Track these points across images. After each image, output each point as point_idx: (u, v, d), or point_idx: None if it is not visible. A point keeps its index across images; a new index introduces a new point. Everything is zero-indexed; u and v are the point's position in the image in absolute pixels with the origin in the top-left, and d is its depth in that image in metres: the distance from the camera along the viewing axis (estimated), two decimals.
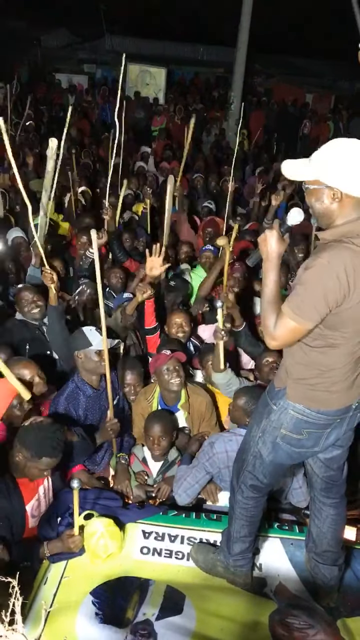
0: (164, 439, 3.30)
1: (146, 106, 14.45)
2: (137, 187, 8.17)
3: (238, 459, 2.60)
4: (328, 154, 2.09)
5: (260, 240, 2.24)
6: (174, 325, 3.99)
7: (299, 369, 2.29)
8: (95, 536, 2.71)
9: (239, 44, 13.15)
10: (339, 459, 2.52)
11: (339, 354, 2.20)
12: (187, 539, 2.95)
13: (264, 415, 2.42)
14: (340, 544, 2.74)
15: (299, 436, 2.34)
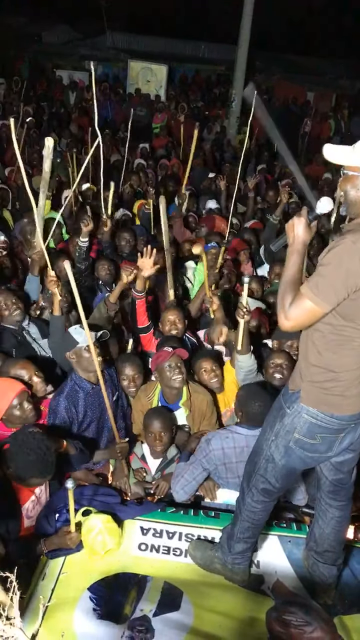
0: (164, 434, 3.31)
1: (147, 103, 14.43)
2: (138, 184, 8.15)
3: (250, 462, 2.59)
4: None
5: (288, 226, 2.27)
6: (167, 322, 3.98)
7: (313, 371, 2.28)
8: (94, 532, 2.72)
9: (240, 41, 13.14)
10: (350, 463, 2.51)
11: (352, 355, 2.19)
12: (185, 535, 2.95)
13: (278, 419, 2.40)
14: (342, 545, 2.74)
15: (313, 441, 2.33)
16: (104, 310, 4.01)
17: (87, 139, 11.08)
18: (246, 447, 3.08)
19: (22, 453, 2.63)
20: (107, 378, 3.49)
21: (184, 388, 3.51)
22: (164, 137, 12.10)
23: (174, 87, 17.23)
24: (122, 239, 5.56)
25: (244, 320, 3.40)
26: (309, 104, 16.98)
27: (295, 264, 2.22)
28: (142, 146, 10.49)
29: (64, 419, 3.24)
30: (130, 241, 5.57)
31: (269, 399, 3.11)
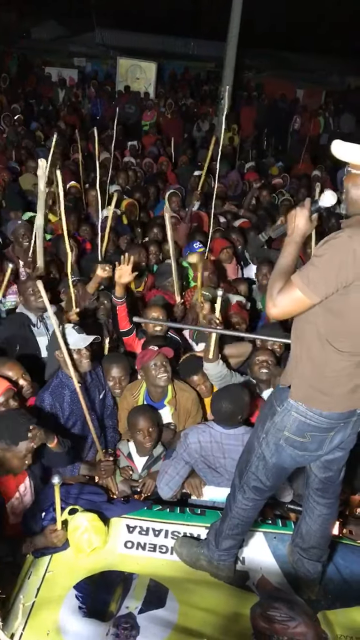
0: (153, 429, 3.33)
1: (137, 100, 14.40)
2: (126, 182, 8.14)
3: (242, 460, 2.60)
4: None
5: (290, 216, 2.29)
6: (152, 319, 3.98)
7: (302, 366, 2.30)
8: (80, 530, 2.72)
9: (229, 38, 13.12)
10: (339, 461, 2.52)
11: (339, 352, 2.20)
12: (172, 533, 2.97)
13: (268, 417, 2.42)
14: (328, 543, 2.76)
15: (302, 439, 2.34)
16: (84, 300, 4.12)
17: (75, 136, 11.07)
18: (222, 443, 3.11)
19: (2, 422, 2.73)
20: (94, 377, 3.50)
21: (169, 386, 3.53)
22: (154, 134, 12.08)
23: (163, 85, 17.20)
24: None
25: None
26: (298, 101, 17.02)
27: (291, 254, 2.24)
28: (131, 144, 10.46)
29: (48, 415, 3.25)
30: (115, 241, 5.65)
31: (239, 400, 3.14)
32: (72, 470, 3.27)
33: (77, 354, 3.26)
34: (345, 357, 2.20)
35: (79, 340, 3.28)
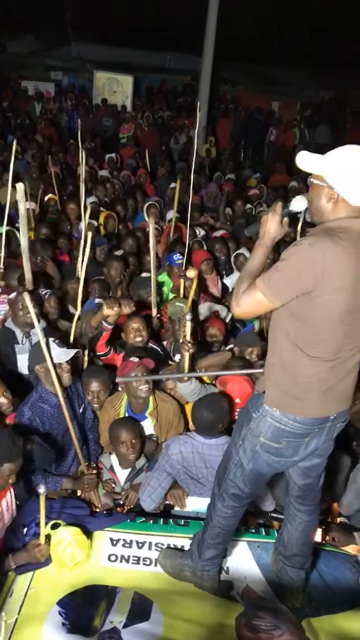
0: (136, 441, 3.32)
1: (114, 113, 14.48)
2: (104, 194, 8.16)
3: (221, 467, 2.61)
4: (339, 156, 2.14)
5: (262, 219, 2.32)
6: (132, 330, 3.99)
7: (275, 371, 2.32)
8: (62, 545, 2.70)
9: (204, 52, 13.31)
10: (317, 468, 2.54)
11: (309, 357, 2.22)
12: (155, 545, 2.95)
13: (245, 423, 2.43)
14: (310, 550, 2.78)
15: (278, 445, 2.35)
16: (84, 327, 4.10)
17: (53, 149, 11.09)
18: (204, 454, 3.12)
19: None
20: (74, 390, 3.49)
21: (151, 397, 3.53)
22: (132, 147, 12.15)
23: (140, 98, 17.33)
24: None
25: (188, 353, 3.45)
26: (273, 113, 17.27)
27: (259, 257, 2.30)
28: (109, 156, 10.51)
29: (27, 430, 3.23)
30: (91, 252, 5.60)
31: (220, 409, 3.17)
32: (55, 484, 3.24)
33: (58, 368, 3.25)
34: (317, 363, 2.23)
35: (61, 354, 3.27)
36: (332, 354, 2.22)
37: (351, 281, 2.08)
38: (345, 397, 2.36)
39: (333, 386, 2.28)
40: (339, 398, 2.33)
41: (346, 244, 2.06)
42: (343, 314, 2.13)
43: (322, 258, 2.04)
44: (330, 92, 20.36)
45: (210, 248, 6.13)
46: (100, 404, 3.66)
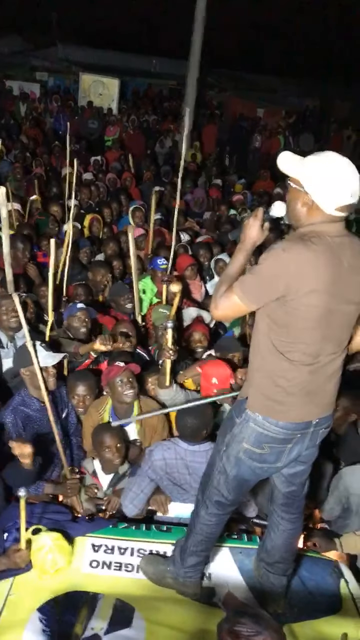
0: (120, 445, 3.30)
1: (100, 116, 14.46)
2: (89, 197, 8.14)
3: (205, 474, 2.61)
4: (316, 162, 2.15)
5: (244, 224, 2.36)
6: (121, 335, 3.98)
7: (257, 376, 2.34)
8: (43, 550, 2.67)
9: (191, 57, 13.36)
10: (301, 475, 2.54)
11: (289, 361, 2.24)
12: (137, 551, 2.94)
13: (228, 429, 2.44)
14: (293, 557, 2.78)
15: (261, 451, 2.35)
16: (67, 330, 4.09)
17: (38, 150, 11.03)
18: (187, 460, 3.12)
19: None
20: (57, 395, 3.46)
21: (135, 403, 3.52)
22: (117, 150, 12.13)
23: (125, 101, 17.33)
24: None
25: (169, 360, 3.48)
26: (259, 120, 17.40)
27: (239, 261, 2.33)
28: (95, 159, 10.48)
29: (10, 434, 3.20)
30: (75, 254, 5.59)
31: (204, 415, 3.17)
32: (37, 489, 3.21)
33: (45, 372, 3.22)
34: (296, 367, 2.25)
35: (47, 358, 3.25)
36: (311, 358, 2.24)
37: (324, 285, 2.12)
38: (327, 403, 2.38)
39: (314, 391, 2.30)
40: (320, 403, 2.34)
41: (318, 248, 2.10)
42: (319, 317, 2.16)
43: (295, 263, 2.09)
44: (314, 101, 20.64)
45: (194, 253, 6.14)
46: (85, 409, 3.64)
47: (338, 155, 2.17)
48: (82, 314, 4.16)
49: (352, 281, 2.17)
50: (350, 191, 2.11)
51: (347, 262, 2.15)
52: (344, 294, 2.17)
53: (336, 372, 2.34)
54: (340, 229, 2.18)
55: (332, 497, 3.36)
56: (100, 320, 4.53)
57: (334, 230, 2.16)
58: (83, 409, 3.65)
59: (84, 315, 4.16)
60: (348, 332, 2.31)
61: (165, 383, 3.58)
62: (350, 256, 2.16)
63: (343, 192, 2.11)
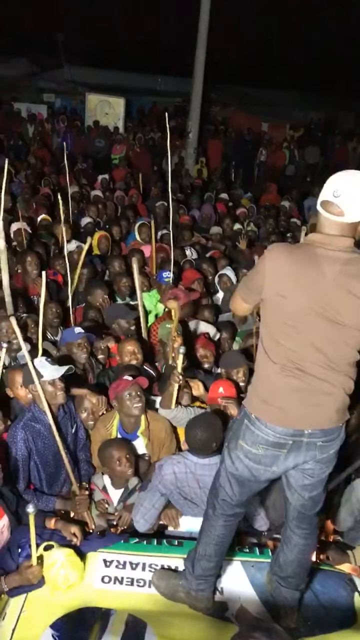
0: (130, 456, 3.31)
1: (106, 135, 14.65)
2: (97, 215, 8.22)
3: (216, 473, 2.66)
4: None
5: None
6: (127, 353, 3.99)
7: (254, 377, 2.48)
8: (56, 566, 2.68)
9: (195, 74, 13.52)
10: (310, 489, 2.53)
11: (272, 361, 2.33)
12: (149, 565, 2.93)
13: (232, 427, 2.54)
14: (306, 572, 2.76)
15: (256, 451, 2.39)
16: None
17: (46, 170, 11.19)
18: (197, 474, 3.12)
19: None
20: (66, 410, 3.49)
21: (142, 417, 3.53)
22: (124, 168, 12.27)
23: (131, 119, 17.54)
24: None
25: (176, 384, 3.51)
26: (264, 134, 17.53)
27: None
28: (102, 177, 10.60)
29: (22, 451, 3.24)
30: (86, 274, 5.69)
31: (214, 427, 3.16)
32: (47, 504, 3.22)
33: (52, 385, 3.25)
34: (281, 369, 2.31)
35: (53, 371, 3.28)
36: (295, 364, 2.28)
37: (297, 291, 2.22)
38: (324, 418, 2.35)
39: (306, 400, 2.31)
40: (315, 415, 2.34)
41: (299, 254, 2.26)
42: (295, 322, 2.24)
43: (271, 263, 2.27)
44: (319, 113, 20.74)
45: (198, 267, 6.17)
46: (95, 421, 3.66)
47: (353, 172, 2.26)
48: (83, 340, 4.09)
49: (338, 298, 2.19)
50: (333, 188, 2.20)
51: (333, 277, 2.18)
52: (327, 308, 2.20)
53: (337, 390, 2.33)
54: (341, 244, 2.21)
55: (344, 508, 3.35)
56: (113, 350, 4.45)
57: (330, 243, 2.21)
58: (93, 422, 3.67)
59: (85, 341, 4.11)
60: (345, 352, 2.29)
61: (170, 406, 3.61)
62: (340, 272, 2.18)
63: (327, 188, 2.23)
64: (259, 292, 2.34)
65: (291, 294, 2.22)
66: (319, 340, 2.25)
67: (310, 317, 2.22)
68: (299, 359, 2.28)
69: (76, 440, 3.59)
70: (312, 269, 2.20)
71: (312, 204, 9.82)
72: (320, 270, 2.19)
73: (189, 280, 5.56)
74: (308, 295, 2.20)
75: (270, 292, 2.28)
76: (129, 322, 4.61)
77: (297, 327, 2.25)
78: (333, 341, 2.25)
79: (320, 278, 2.19)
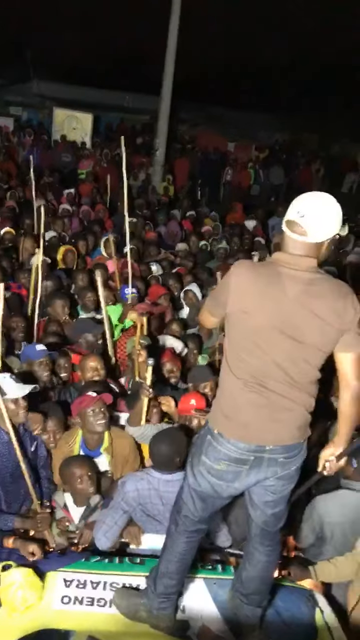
0: (92, 474, 3.27)
1: (73, 149, 14.65)
2: (62, 229, 8.19)
3: (179, 490, 2.65)
4: None
5: None
6: (90, 369, 3.96)
7: (218, 391, 2.49)
8: (13, 587, 2.61)
9: (163, 92, 13.69)
10: (273, 506, 2.54)
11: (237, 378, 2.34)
12: (110, 584, 2.87)
13: (195, 441, 2.54)
14: (268, 589, 2.76)
15: (218, 467, 2.39)
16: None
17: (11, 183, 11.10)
18: (160, 490, 3.10)
19: None
20: (27, 427, 3.42)
21: (106, 433, 3.50)
22: (90, 183, 12.27)
23: (99, 135, 17.61)
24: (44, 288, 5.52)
25: (146, 398, 3.51)
26: (229, 153, 17.84)
27: None
28: (68, 192, 10.58)
29: None
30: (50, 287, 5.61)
31: (178, 442, 3.17)
32: (5, 523, 3.14)
33: (14, 404, 3.20)
34: (243, 385, 2.33)
35: (17, 390, 3.23)
36: (257, 380, 2.30)
37: (257, 307, 2.25)
38: (286, 434, 2.37)
39: (268, 416, 2.33)
40: (276, 431, 2.35)
41: (262, 271, 2.30)
42: (255, 338, 2.27)
43: (235, 278, 2.30)
44: (283, 135, 21.24)
45: (165, 283, 6.19)
46: (55, 443, 3.60)
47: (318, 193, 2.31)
48: (46, 359, 4.06)
49: (299, 317, 2.23)
50: (297, 208, 2.25)
51: (295, 296, 2.22)
52: (289, 326, 2.24)
53: (297, 407, 2.36)
54: (305, 264, 2.25)
55: (306, 525, 3.37)
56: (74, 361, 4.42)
57: (294, 263, 2.25)
58: (54, 444, 3.61)
59: (47, 360, 4.07)
60: (306, 370, 2.32)
61: (139, 422, 3.59)
62: (303, 292, 2.23)
63: (293, 208, 2.27)
64: (223, 307, 2.37)
65: (254, 311, 2.25)
66: (280, 358, 2.28)
67: (273, 334, 2.25)
68: (262, 375, 2.30)
69: (36, 458, 3.52)
70: (275, 287, 2.23)
71: (276, 223, 10.02)
72: (283, 289, 2.23)
73: (155, 296, 5.57)
74: (270, 313, 2.23)
75: (234, 307, 2.30)
76: (95, 336, 4.57)
77: (260, 344, 2.27)
78: (294, 359, 2.28)
79: (283, 297, 2.23)
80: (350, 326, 2.27)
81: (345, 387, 2.40)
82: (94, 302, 5.40)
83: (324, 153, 20.39)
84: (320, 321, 2.23)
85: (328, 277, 2.31)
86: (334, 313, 2.23)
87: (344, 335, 2.28)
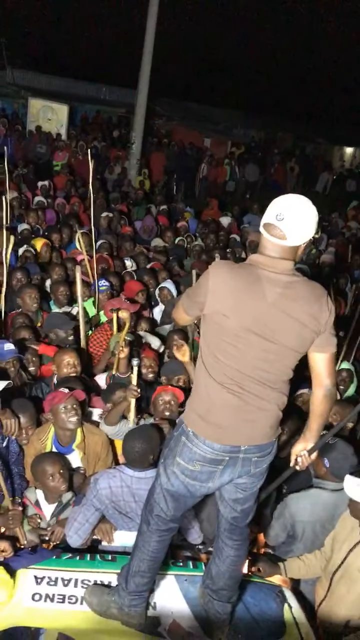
0: (64, 471, 3.25)
1: (48, 140, 14.46)
2: (36, 221, 8.09)
3: (150, 489, 2.64)
4: None
5: None
6: (65, 364, 3.92)
7: (193, 392, 2.48)
8: None
9: (140, 86, 13.62)
10: (242, 502, 2.57)
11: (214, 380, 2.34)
12: (82, 581, 2.86)
13: (168, 442, 2.52)
14: (237, 584, 2.79)
15: (192, 467, 2.40)
16: None
17: None
18: (133, 488, 3.11)
19: None
20: None
21: (78, 430, 3.48)
22: (65, 175, 12.14)
23: (74, 127, 17.42)
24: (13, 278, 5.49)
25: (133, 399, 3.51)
26: (205, 149, 17.85)
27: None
28: (42, 184, 10.44)
29: None
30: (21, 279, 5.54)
31: (151, 439, 3.18)
32: None
33: None
34: (220, 387, 2.34)
35: None
36: (234, 382, 2.32)
37: (234, 309, 2.25)
38: (259, 434, 2.40)
39: (244, 417, 2.35)
40: (250, 431, 2.38)
41: (241, 273, 2.28)
42: (232, 340, 2.28)
43: (213, 279, 2.29)
44: (259, 133, 21.37)
45: (140, 279, 6.18)
46: (28, 439, 3.57)
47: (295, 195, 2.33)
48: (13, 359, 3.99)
49: (276, 319, 2.26)
50: (276, 211, 2.26)
51: (273, 299, 2.25)
52: (265, 329, 2.26)
53: (271, 406, 2.39)
54: (282, 267, 2.28)
55: (277, 523, 3.40)
56: (41, 351, 4.43)
57: (272, 265, 2.27)
58: (27, 440, 3.57)
59: (15, 360, 4.02)
60: (282, 370, 2.36)
61: (114, 420, 3.60)
62: (280, 295, 2.25)
63: (271, 211, 2.28)
64: (200, 308, 2.36)
65: (232, 312, 2.26)
66: (257, 359, 2.30)
67: (249, 336, 2.27)
68: (238, 376, 2.32)
69: (8, 454, 3.49)
70: (253, 289, 2.25)
71: (250, 220, 10.07)
72: (261, 291, 2.24)
73: (132, 292, 5.55)
74: (248, 315, 2.25)
75: (212, 309, 2.30)
76: (66, 332, 4.54)
77: (237, 345, 2.28)
78: (270, 360, 2.31)
79: (261, 299, 2.24)
80: (326, 327, 2.32)
81: (318, 385, 2.46)
82: (67, 296, 5.38)
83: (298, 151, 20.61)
84: (298, 324, 2.26)
85: (304, 279, 2.33)
86: (311, 316, 2.27)
87: (319, 336, 2.32)
